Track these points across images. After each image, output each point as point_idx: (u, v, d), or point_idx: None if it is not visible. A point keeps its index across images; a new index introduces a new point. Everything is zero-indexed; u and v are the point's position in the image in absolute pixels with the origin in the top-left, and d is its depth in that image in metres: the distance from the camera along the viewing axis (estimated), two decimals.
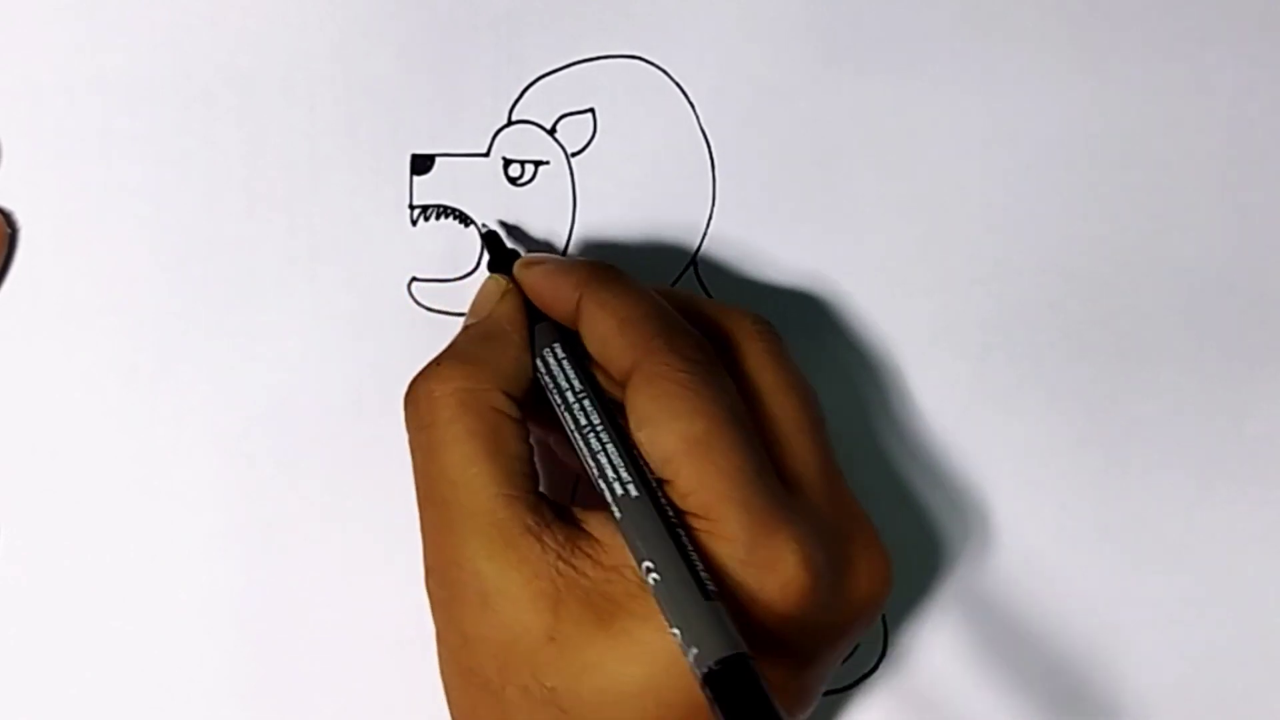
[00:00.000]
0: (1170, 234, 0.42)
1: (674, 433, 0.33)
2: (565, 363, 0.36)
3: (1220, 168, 0.42)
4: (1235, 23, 0.42)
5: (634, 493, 0.33)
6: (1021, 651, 0.42)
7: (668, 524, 0.33)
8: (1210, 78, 0.42)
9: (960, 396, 0.42)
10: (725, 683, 0.30)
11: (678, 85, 0.41)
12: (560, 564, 0.33)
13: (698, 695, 0.31)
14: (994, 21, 0.42)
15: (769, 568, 0.33)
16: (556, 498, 0.36)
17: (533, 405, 0.36)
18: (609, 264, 0.37)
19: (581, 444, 0.35)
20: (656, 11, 0.41)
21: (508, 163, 0.40)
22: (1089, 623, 0.42)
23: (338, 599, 0.40)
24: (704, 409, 0.34)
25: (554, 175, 0.41)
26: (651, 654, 0.32)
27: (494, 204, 0.40)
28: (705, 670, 0.30)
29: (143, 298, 0.40)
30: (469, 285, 0.40)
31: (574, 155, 0.41)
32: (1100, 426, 0.42)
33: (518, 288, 0.38)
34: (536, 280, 0.37)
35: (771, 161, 0.41)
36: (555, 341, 0.36)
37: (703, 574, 0.32)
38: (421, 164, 0.40)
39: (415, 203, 0.40)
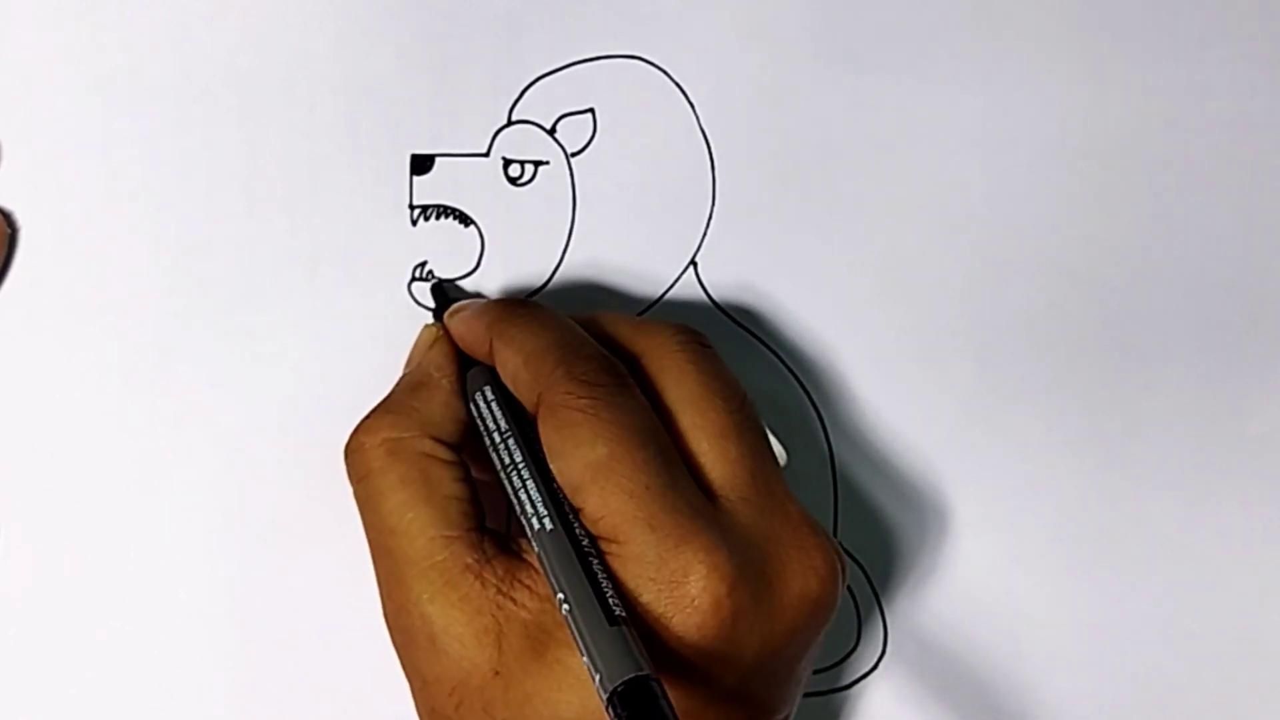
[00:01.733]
0: (1170, 234, 0.42)
1: (578, 460, 0.34)
2: (494, 405, 0.36)
3: (1220, 168, 0.42)
4: (1235, 23, 0.42)
5: (548, 526, 0.34)
6: (1020, 650, 0.42)
7: (578, 553, 0.33)
8: (1210, 78, 0.42)
9: (960, 396, 0.42)
10: (630, 705, 0.30)
11: (678, 85, 0.41)
12: (500, 598, 0.34)
13: None
14: (994, 22, 0.42)
15: (678, 581, 0.33)
16: (512, 532, 0.36)
17: (474, 447, 0.37)
18: (520, 300, 0.38)
19: (505, 482, 0.35)
20: (656, 12, 0.41)
21: (508, 163, 0.40)
22: (1088, 622, 0.42)
23: (337, 599, 0.40)
24: (605, 433, 0.34)
25: (554, 175, 0.41)
26: (583, 681, 0.32)
27: (494, 204, 0.40)
28: (609, 693, 0.30)
29: (143, 298, 0.40)
30: (468, 285, 0.40)
31: (574, 155, 0.41)
32: (1100, 427, 0.42)
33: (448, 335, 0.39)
34: (456, 327, 0.38)
35: (771, 161, 0.41)
36: (485, 384, 0.37)
37: (610, 599, 0.32)
38: (421, 164, 0.40)
39: (415, 203, 0.40)
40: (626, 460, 0.33)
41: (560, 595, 0.32)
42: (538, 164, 0.41)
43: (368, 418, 0.37)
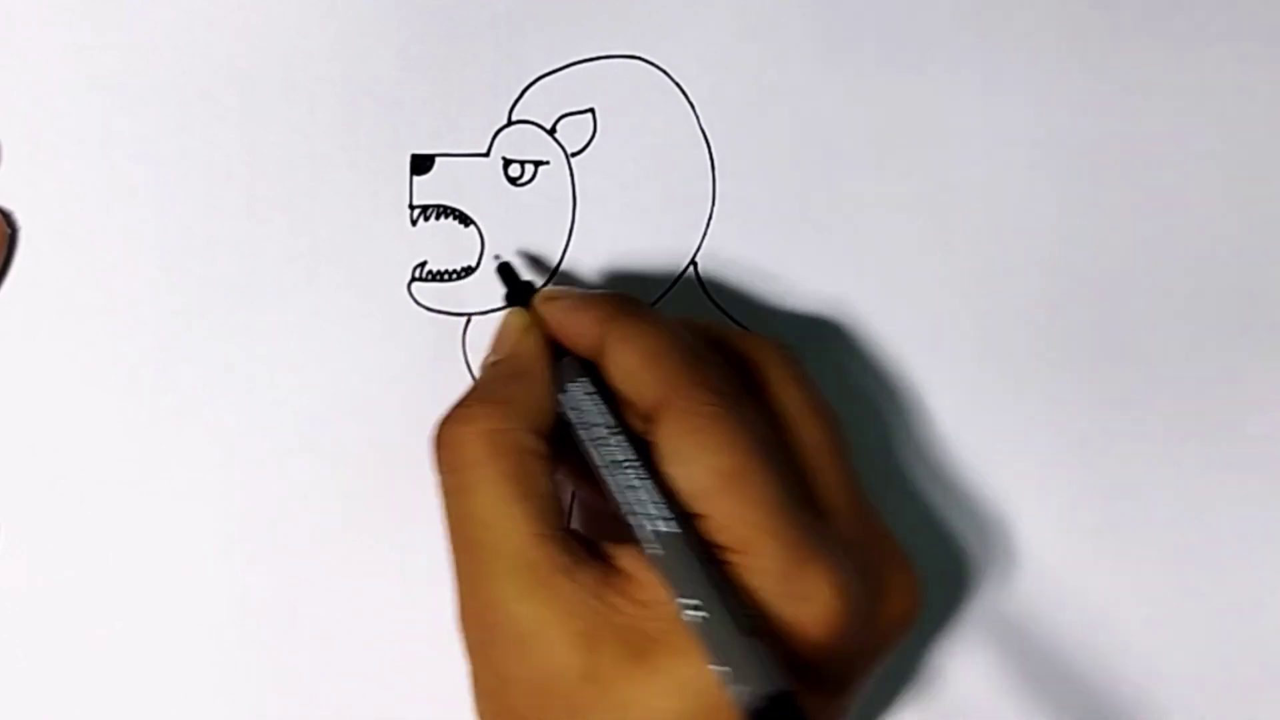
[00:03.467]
0: (1170, 234, 0.42)
1: (707, 467, 0.33)
2: (593, 398, 0.36)
3: (1220, 168, 0.42)
4: (1235, 23, 0.42)
5: (670, 529, 0.33)
6: (1020, 649, 0.42)
7: (706, 560, 0.33)
8: (1210, 78, 0.42)
9: (960, 397, 0.42)
10: (770, 719, 0.30)
11: (678, 85, 0.41)
12: (594, 601, 0.33)
13: None
14: (994, 21, 0.42)
15: (805, 599, 0.33)
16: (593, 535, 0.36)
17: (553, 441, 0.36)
18: (632, 296, 0.37)
19: (613, 480, 0.34)
20: (656, 11, 0.41)
21: (508, 163, 0.41)
22: (1088, 621, 0.42)
23: (337, 599, 0.40)
24: (735, 442, 0.33)
25: (554, 175, 0.41)
26: (689, 689, 0.32)
27: (494, 204, 0.40)
28: (751, 708, 0.30)
29: (143, 298, 0.40)
30: (468, 285, 0.40)
31: (574, 155, 0.41)
32: (1102, 428, 0.42)
33: (537, 322, 0.38)
34: (558, 316, 0.37)
35: (771, 161, 0.41)
36: (581, 377, 0.36)
37: (743, 609, 0.32)
38: (421, 164, 0.40)
39: (415, 203, 0.40)
40: (757, 470, 0.33)
41: (689, 601, 0.32)
42: (538, 164, 0.41)
43: (464, 406, 0.36)
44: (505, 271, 0.39)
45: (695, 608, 0.32)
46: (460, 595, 0.35)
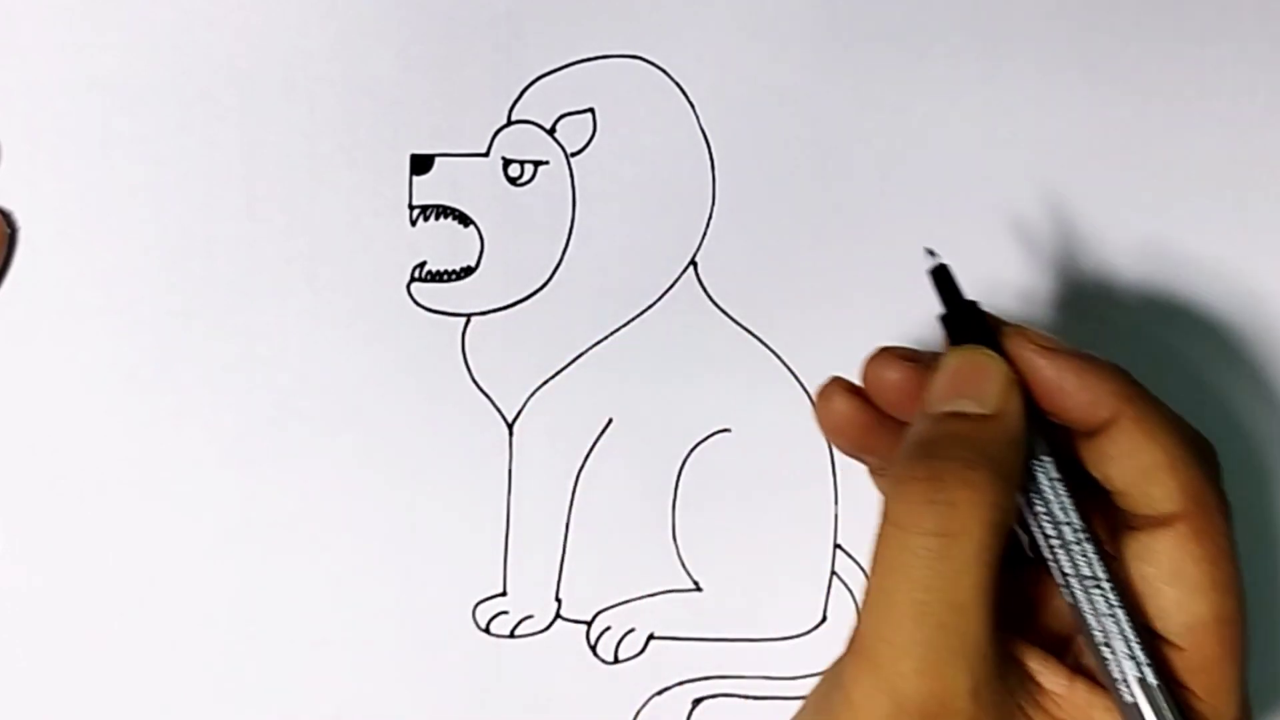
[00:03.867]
0: (1170, 234, 0.42)
1: (1211, 605, 0.31)
2: (1059, 485, 0.32)
3: (1220, 168, 0.42)
4: (1235, 23, 0.42)
5: (1153, 679, 0.31)
6: None
7: (1182, 713, 0.30)
8: (1210, 78, 0.42)
9: None
10: None
11: (678, 85, 0.41)
12: (1018, 711, 0.31)
13: None
14: (994, 21, 0.42)
15: None
16: None
17: None
18: (1130, 380, 0.33)
19: (1081, 597, 0.31)
20: (656, 11, 0.41)
21: (507, 163, 0.40)
22: None
23: (337, 599, 0.40)
24: (1237, 584, 0.31)
25: (554, 175, 0.41)
26: None
27: (494, 204, 0.40)
28: None
29: (143, 298, 0.40)
30: (468, 285, 0.40)
31: (574, 155, 0.41)
32: None
33: (1012, 368, 0.32)
34: (1058, 376, 0.32)
35: (771, 161, 0.41)
36: (1047, 454, 0.32)
37: None
38: (421, 164, 0.40)
39: (415, 203, 0.40)
40: (1243, 622, 0.31)
41: None
42: (537, 164, 0.41)
43: (969, 469, 0.31)
44: (943, 280, 0.34)
45: None
46: (887, 668, 0.31)
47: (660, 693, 0.41)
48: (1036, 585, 0.34)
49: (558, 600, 0.41)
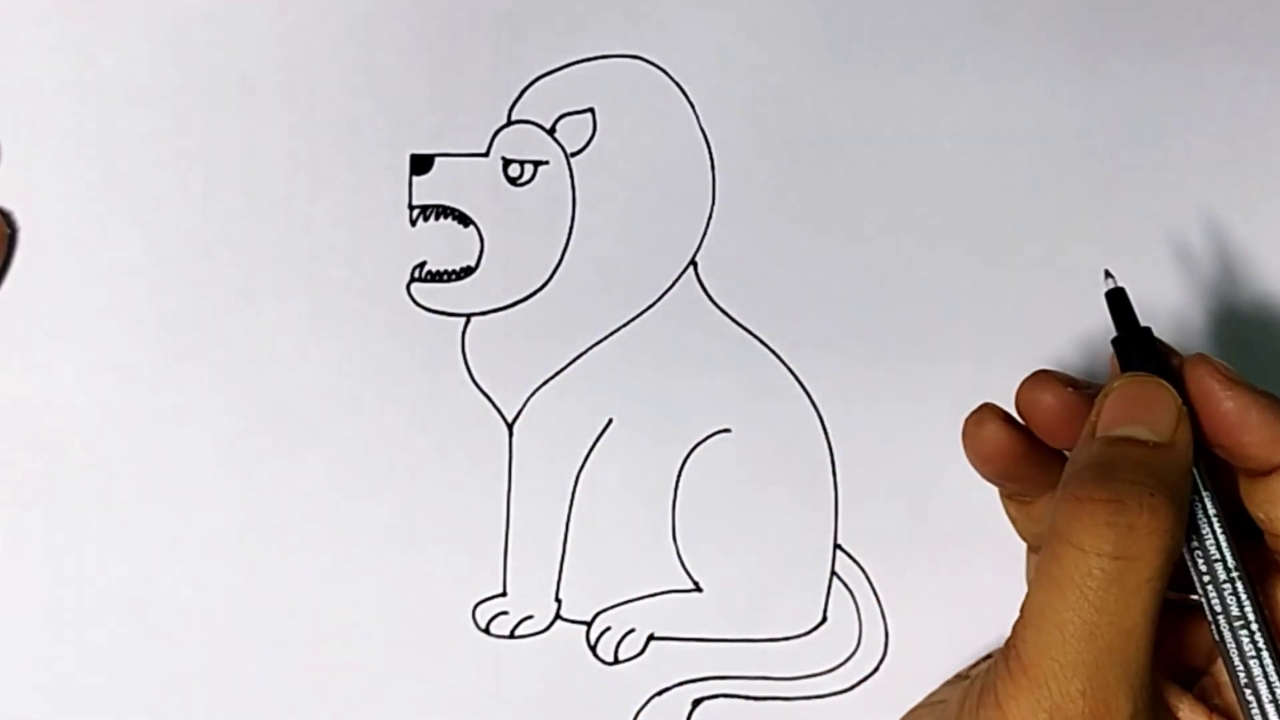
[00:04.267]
0: (1170, 233, 0.42)
1: None
2: (1215, 521, 0.32)
3: (1220, 167, 0.42)
4: (1235, 22, 0.42)
5: None
6: None
7: None
8: (1210, 77, 0.42)
9: (960, 395, 0.42)
10: None
11: (678, 85, 0.41)
12: None
13: None
14: (994, 21, 0.42)
15: None
16: None
17: None
18: None
19: (1229, 636, 0.31)
20: (656, 11, 0.41)
21: (507, 163, 0.40)
22: None
23: (337, 599, 0.40)
24: None
25: (553, 175, 0.41)
26: None
27: (493, 204, 0.40)
28: None
29: (143, 298, 0.40)
30: (468, 286, 0.40)
31: (574, 155, 0.41)
32: None
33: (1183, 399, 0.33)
34: (1241, 410, 0.32)
35: (771, 161, 0.41)
36: (1208, 489, 0.32)
37: None
38: (421, 164, 0.40)
39: (415, 203, 0.40)
40: None
41: None
42: (537, 164, 0.41)
43: (1151, 495, 0.31)
44: (1120, 304, 0.34)
45: None
46: (1053, 687, 0.31)
47: (660, 693, 0.41)
48: (1175, 619, 0.34)
49: (558, 600, 0.41)
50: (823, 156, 0.41)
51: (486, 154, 0.40)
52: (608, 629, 0.41)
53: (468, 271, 0.40)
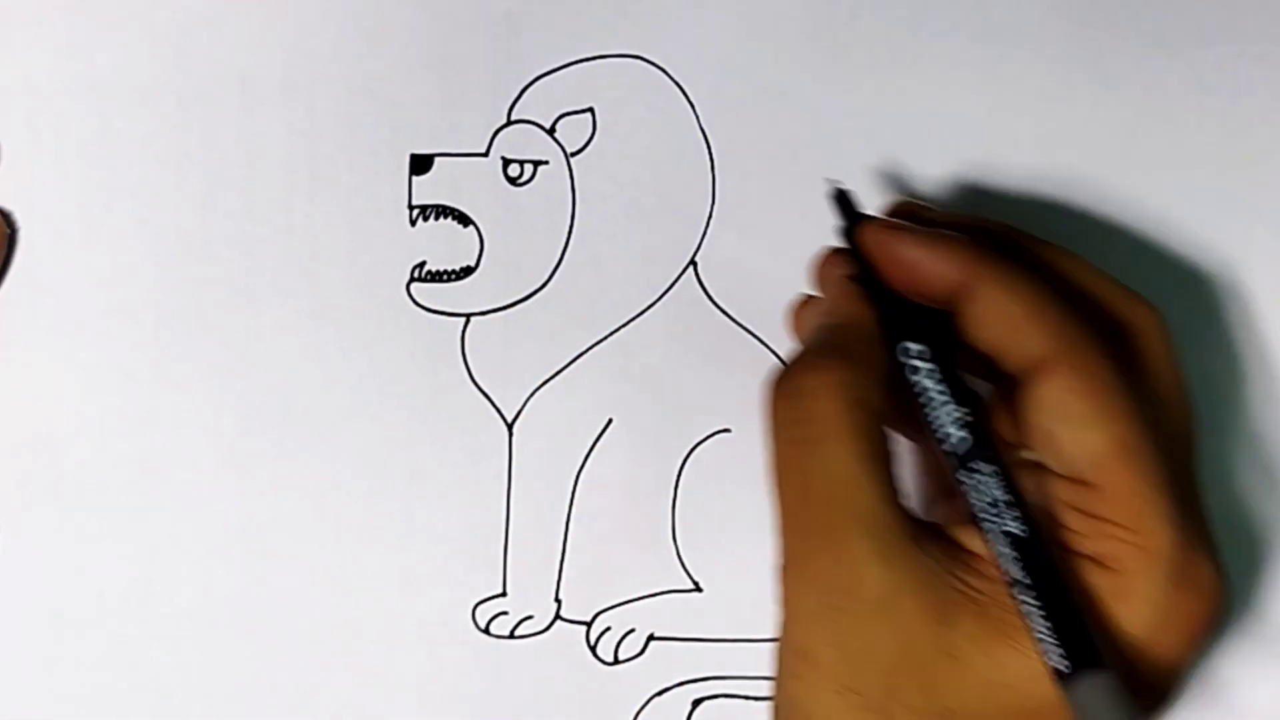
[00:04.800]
0: (1170, 233, 0.42)
1: (1106, 434, 0.31)
2: (927, 356, 0.33)
3: (1220, 168, 0.42)
4: (1235, 22, 0.42)
5: (1021, 530, 0.31)
6: None
7: (1058, 568, 0.31)
8: (1210, 77, 0.42)
9: None
10: None
11: (678, 85, 0.41)
12: (947, 576, 0.31)
13: None
14: (994, 21, 0.42)
15: (1192, 589, 0.31)
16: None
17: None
18: (985, 235, 0.35)
19: (963, 473, 0.33)
20: (656, 11, 0.41)
21: (507, 162, 0.40)
22: None
23: (337, 599, 0.40)
24: (1134, 411, 0.31)
25: (553, 175, 0.41)
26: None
27: (493, 204, 0.40)
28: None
29: (143, 298, 0.40)
30: (468, 285, 0.40)
31: (573, 155, 0.41)
32: None
33: (859, 257, 0.35)
34: (910, 255, 0.34)
35: (771, 161, 0.41)
36: (916, 331, 0.33)
37: (1095, 630, 0.30)
38: (421, 164, 0.40)
39: (414, 203, 0.40)
40: (1152, 445, 0.31)
41: (1034, 605, 0.30)
42: (537, 164, 0.41)
43: (815, 357, 0.33)
44: (843, 201, 0.37)
45: (1041, 617, 0.30)
46: (796, 554, 0.33)
47: (660, 693, 0.41)
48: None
49: (557, 601, 0.41)
50: (823, 157, 0.41)
51: (486, 154, 0.40)
52: (608, 629, 0.41)
53: (468, 271, 0.40)
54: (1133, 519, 0.31)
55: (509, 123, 0.40)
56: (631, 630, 0.41)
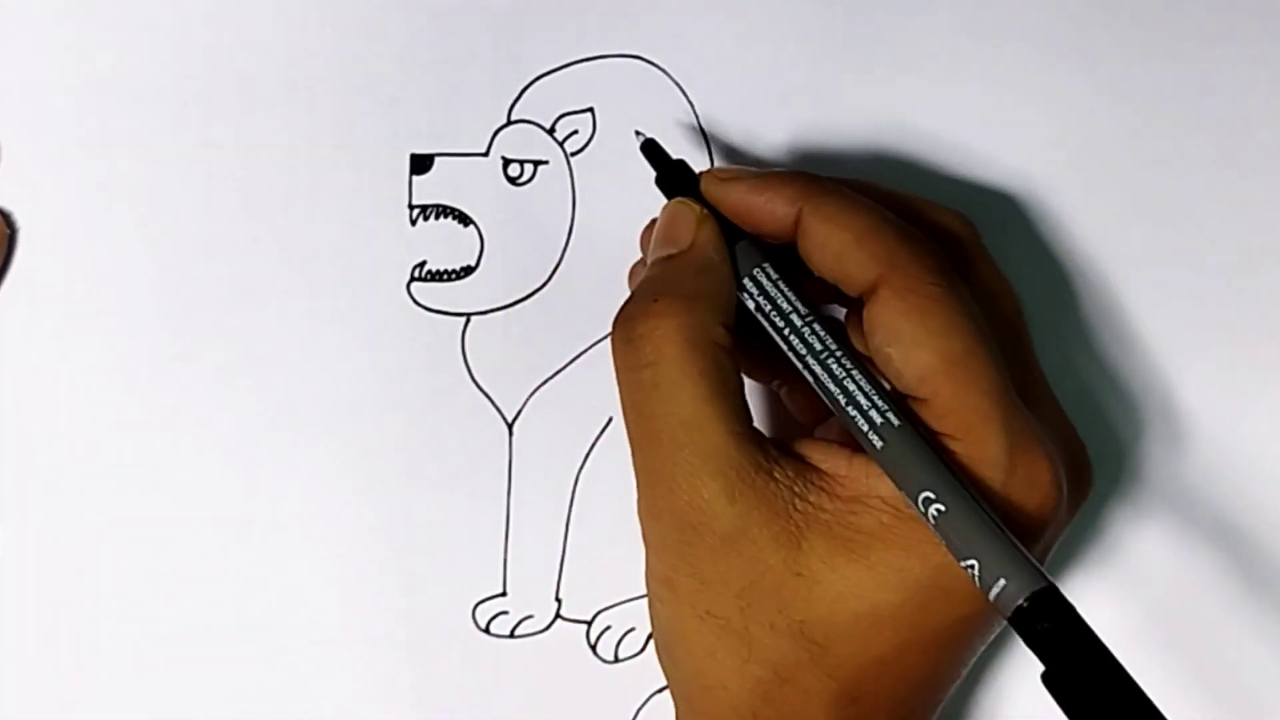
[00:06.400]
0: (1170, 234, 0.42)
1: (933, 350, 0.33)
2: (780, 284, 0.35)
3: (1220, 168, 0.42)
4: (1235, 23, 0.42)
5: (895, 421, 0.33)
6: (1019, 647, 0.42)
7: (936, 451, 0.32)
8: (1210, 78, 0.42)
9: None
10: (1033, 617, 0.30)
11: (678, 85, 0.41)
12: (796, 500, 0.33)
13: (954, 613, 0.32)
14: (994, 21, 0.42)
15: (1028, 489, 0.33)
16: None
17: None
18: (817, 175, 0.36)
19: (819, 370, 0.34)
20: (656, 11, 0.41)
21: (507, 162, 0.40)
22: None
23: (337, 599, 0.40)
24: (960, 325, 0.33)
25: (553, 175, 0.41)
26: (911, 580, 0.32)
27: (493, 204, 0.40)
28: (1016, 606, 0.30)
29: (143, 298, 0.40)
30: (468, 285, 0.40)
31: (573, 155, 0.41)
32: (1100, 423, 0.42)
33: (708, 207, 0.36)
34: (743, 197, 0.36)
35: (771, 161, 0.41)
36: (764, 263, 0.35)
37: (982, 500, 0.32)
38: (421, 164, 0.40)
39: (414, 202, 0.40)
40: (981, 354, 0.33)
41: (927, 494, 0.31)
42: (537, 163, 0.41)
43: (649, 300, 0.34)
44: (652, 150, 0.38)
45: (935, 501, 0.31)
46: (649, 494, 0.35)
47: (660, 692, 0.41)
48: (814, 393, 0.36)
49: (558, 600, 0.41)
50: (822, 157, 0.41)
51: (486, 154, 0.40)
52: (608, 628, 0.41)
53: (468, 271, 0.40)
54: (963, 429, 0.33)
55: (509, 122, 0.40)
56: (632, 629, 0.41)
